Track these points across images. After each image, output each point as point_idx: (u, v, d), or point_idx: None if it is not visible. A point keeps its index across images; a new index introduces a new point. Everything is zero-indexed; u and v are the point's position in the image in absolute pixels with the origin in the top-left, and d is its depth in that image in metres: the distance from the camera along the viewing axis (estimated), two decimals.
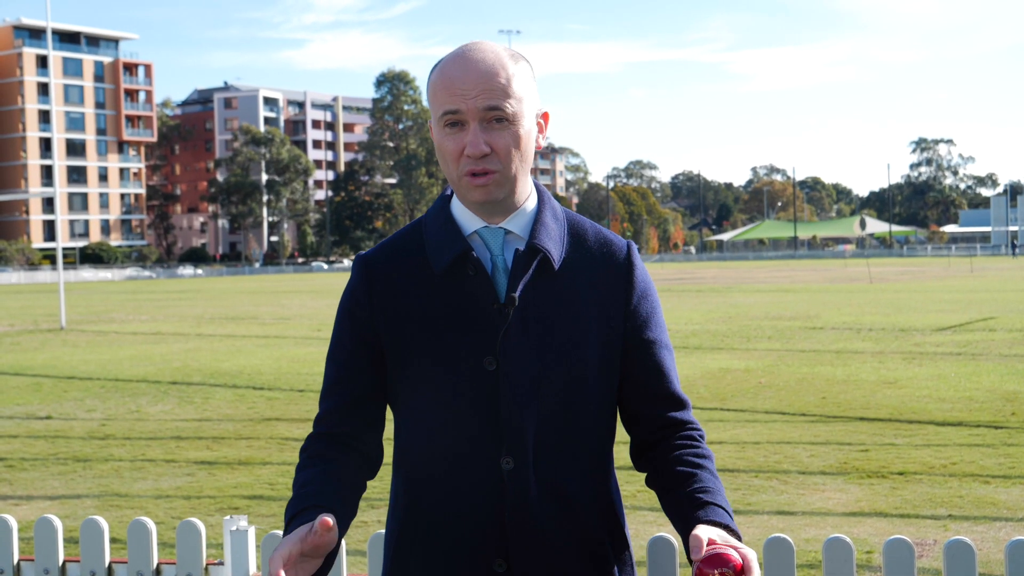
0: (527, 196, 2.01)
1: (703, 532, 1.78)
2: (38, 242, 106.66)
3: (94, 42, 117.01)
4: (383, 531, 2.72)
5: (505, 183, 1.93)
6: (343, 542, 2.76)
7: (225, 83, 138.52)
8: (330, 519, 1.69)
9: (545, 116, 2.01)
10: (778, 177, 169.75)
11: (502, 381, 1.91)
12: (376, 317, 1.98)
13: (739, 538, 1.84)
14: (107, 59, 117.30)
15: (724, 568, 1.73)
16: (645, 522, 6.36)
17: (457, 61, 1.92)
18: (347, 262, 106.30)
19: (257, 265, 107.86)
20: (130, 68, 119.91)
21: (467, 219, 1.99)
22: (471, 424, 1.92)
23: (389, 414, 2.08)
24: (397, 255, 2.01)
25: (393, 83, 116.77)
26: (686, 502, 1.90)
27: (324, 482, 1.93)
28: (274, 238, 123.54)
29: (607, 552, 1.97)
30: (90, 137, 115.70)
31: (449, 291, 1.94)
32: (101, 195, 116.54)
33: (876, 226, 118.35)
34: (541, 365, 1.93)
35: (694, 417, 2.07)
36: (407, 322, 1.95)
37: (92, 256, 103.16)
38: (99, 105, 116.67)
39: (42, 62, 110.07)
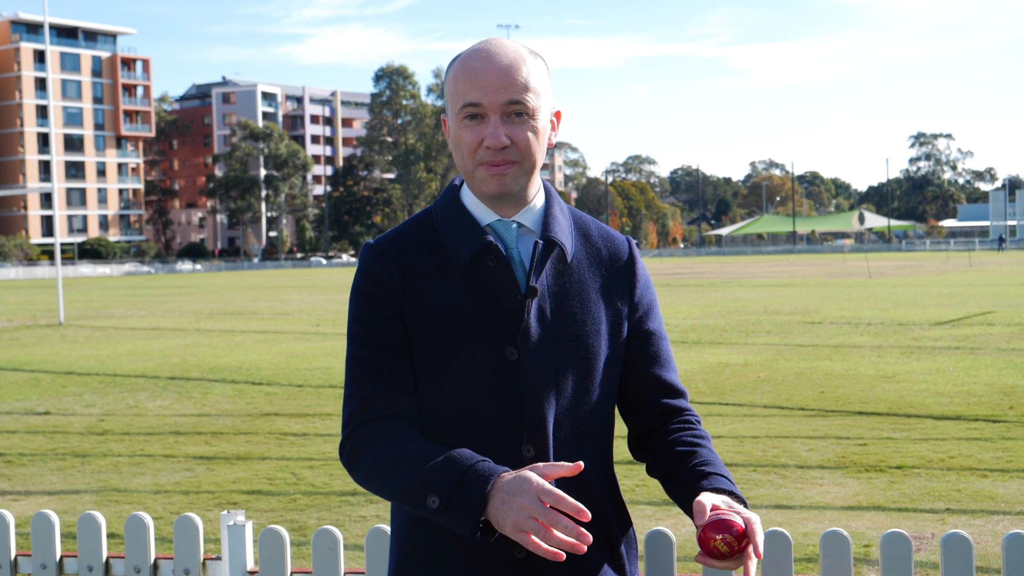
0: (536, 191, 2.04)
1: (707, 498, 1.83)
2: (36, 238, 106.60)
3: (92, 37, 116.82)
4: (382, 526, 2.72)
5: (522, 175, 1.96)
6: (340, 536, 2.76)
7: (223, 78, 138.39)
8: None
9: (558, 115, 2.05)
10: (777, 172, 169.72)
11: (524, 370, 1.94)
12: (402, 299, 1.97)
13: (745, 503, 1.91)
14: (105, 54, 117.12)
15: (726, 533, 1.75)
16: (643, 516, 6.36)
17: (479, 55, 1.94)
18: (346, 257, 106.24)
19: (256, 260, 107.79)
20: (128, 63, 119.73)
21: (480, 212, 2.01)
22: (492, 413, 1.94)
23: None
24: (412, 245, 2.01)
25: (392, 78, 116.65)
26: (688, 477, 1.96)
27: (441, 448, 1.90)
28: (273, 233, 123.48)
29: (618, 536, 2.04)
30: (88, 132, 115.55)
31: (471, 282, 1.96)
32: (99, 190, 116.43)
33: (875, 221, 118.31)
34: (559, 355, 1.97)
35: (690, 405, 2.14)
36: (428, 311, 1.96)
37: (90, 251, 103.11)
38: (97, 100, 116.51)
39: (39, 57, 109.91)
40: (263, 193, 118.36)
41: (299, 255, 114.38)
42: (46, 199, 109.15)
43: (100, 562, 2.91)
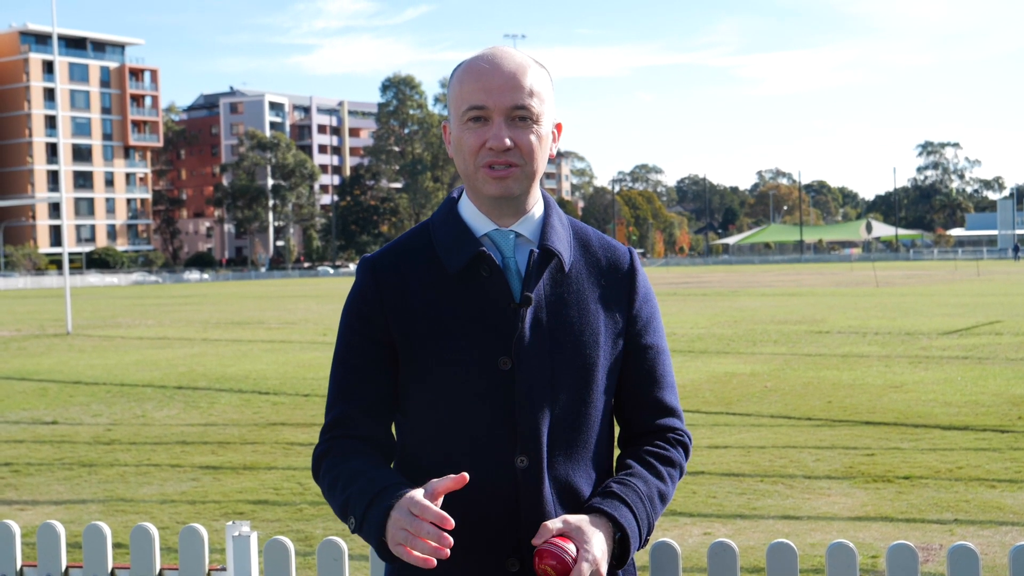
0: (536, 201, 2.03)
1: (555, 521, 1.83)
2: (44, 247, 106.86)
3: (100, 47, 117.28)
4: None
5: (523, 179, 1.95)
6: (345, 547, 2.76)
7: (231, 88, 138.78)
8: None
9: (559, 127, 2.05)
10: (784, 181, 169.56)
11: (517, 381, 1.92)
12: (388, 317, 1.98)
13: (627, 533, 1.87)
14: (113, 64, 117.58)
15: (551, 562, 1.80)
16: None
17: (485, 59, 1.95)
18: (353, 267, 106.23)
19: (263, 270, 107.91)
20: (136, 73, 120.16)
21: (477, 221, 2.00)
22: (485, 423, 1.93)
23: None
24: (405, 256, 2.02)
25: (399, 88, 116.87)
26: (600, 490, 1.95)
27: (379, 466, 1.94)
28: (280, 243, 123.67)
29: (614, 548, 1.99)
30: (96, 142, 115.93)
31: (463, 292, 1.96)
32: (107, 200, 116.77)
33: (882, 230, 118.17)
34: (554, 365, 1.95)
35: (682, 424, 2.10)
36: (420, 322, 1.96)
37: (98, 261, 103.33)
38: (105, 110, 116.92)
39: (48, 67, 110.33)
40: (270, 203, 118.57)
41: (306, 264, 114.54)
42: (54, 209, 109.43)
43: (105, 573, 2.91)
